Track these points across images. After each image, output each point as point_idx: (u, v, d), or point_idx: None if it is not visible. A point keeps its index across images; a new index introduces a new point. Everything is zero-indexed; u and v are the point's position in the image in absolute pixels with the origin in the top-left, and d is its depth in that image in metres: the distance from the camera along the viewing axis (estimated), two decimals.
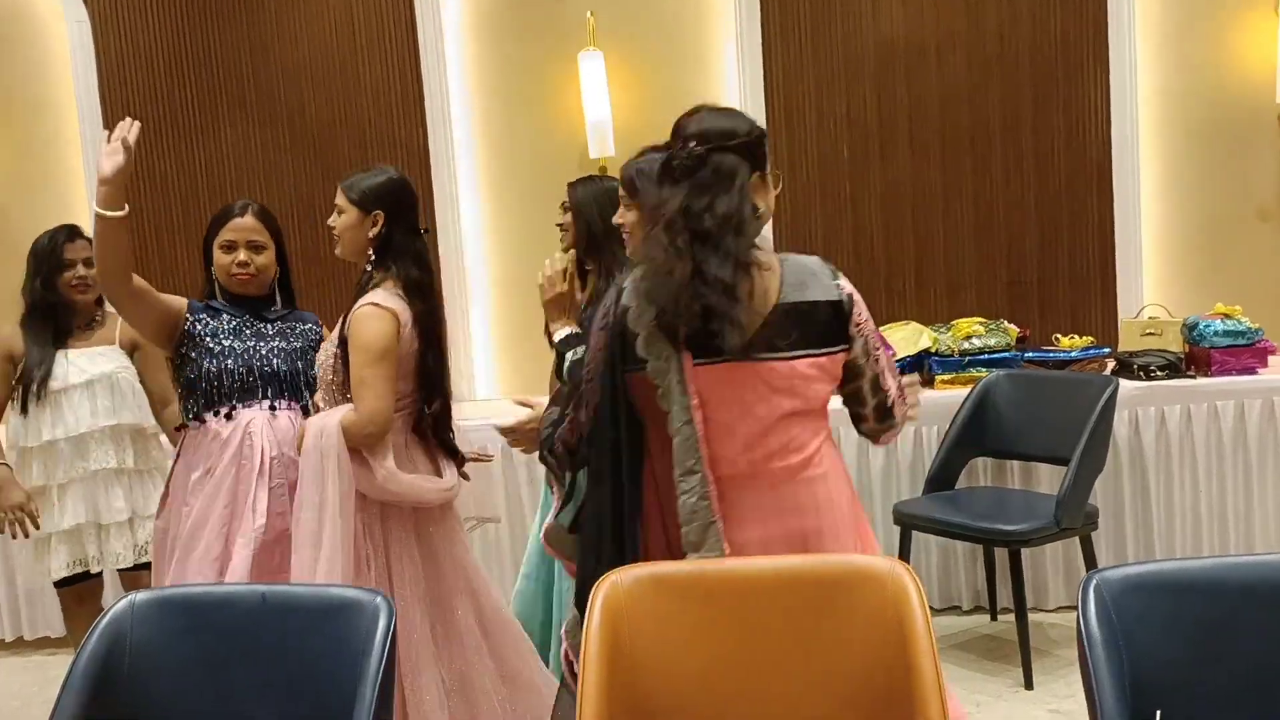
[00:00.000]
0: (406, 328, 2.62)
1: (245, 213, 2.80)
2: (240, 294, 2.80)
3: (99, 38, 4.77)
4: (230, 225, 2.78)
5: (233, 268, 2.77)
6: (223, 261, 2.77)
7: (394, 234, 2.68)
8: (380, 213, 2.69)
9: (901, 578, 1.89)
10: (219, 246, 2.78)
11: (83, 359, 3.29)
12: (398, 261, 2.67)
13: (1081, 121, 4.62)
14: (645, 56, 4.76)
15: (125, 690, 1.90)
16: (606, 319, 2.06)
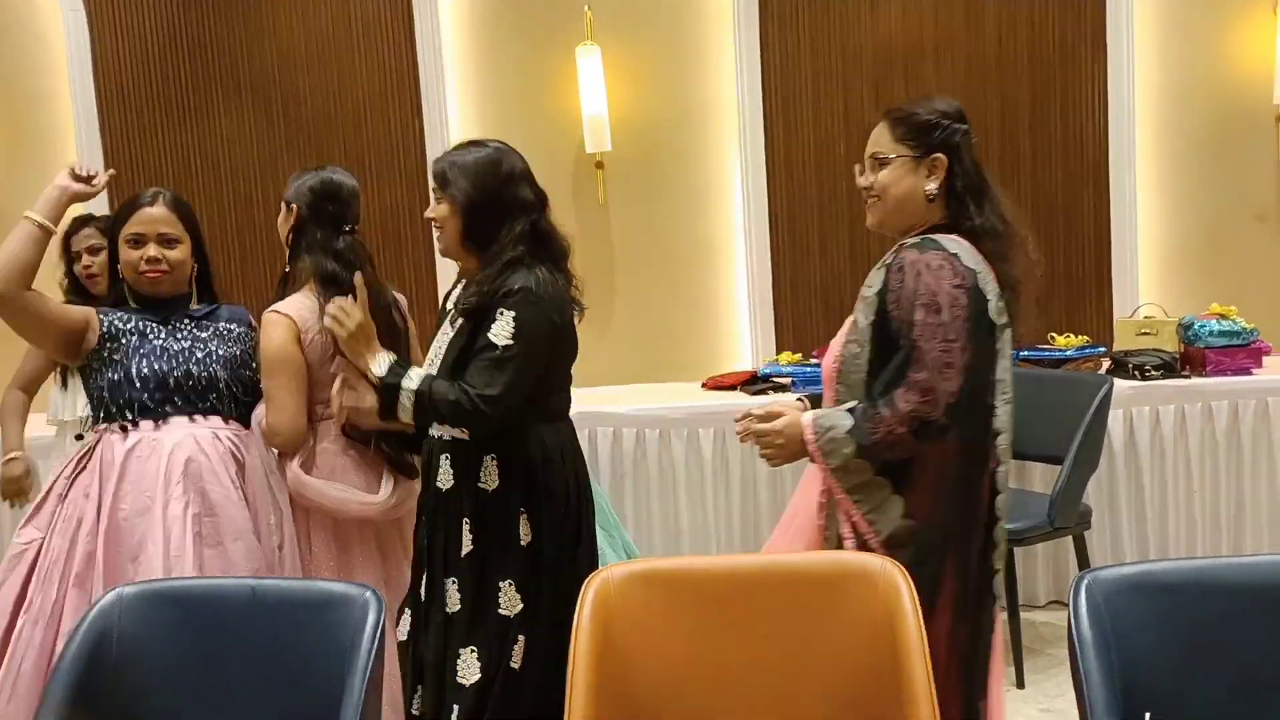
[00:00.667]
0: (309, 334, 2.55)
1: (156, 202, 2.60)
2: (152, 294, 2.61)
3: (94, 26, 4.74)
4: (138, 217, 2.58)
5: (141, 264, 2.56)
6: (130, 258, 2.57)
7: (306, 228, 2.63)
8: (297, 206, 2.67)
9: (893, 577, 1.88)
10: (125, 241, 2.58)
11: None
12: (309, 255, 2.62)
13: (1078, 122, 4.61)
14: (643, 51, 4.75)
15: (112, 682, 1.89)
16: (962, 280, 2.06)
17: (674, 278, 4.82)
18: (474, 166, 2.39)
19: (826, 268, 4.77)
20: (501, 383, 2.26)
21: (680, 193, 4.81)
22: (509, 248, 2.34)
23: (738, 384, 4.33)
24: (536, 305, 2.30)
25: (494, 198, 2.38)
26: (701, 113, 4.78)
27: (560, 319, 2.37)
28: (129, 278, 2.59)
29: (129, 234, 2.58)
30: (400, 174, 4.82)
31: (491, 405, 2.25)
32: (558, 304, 2.37)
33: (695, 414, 4.07)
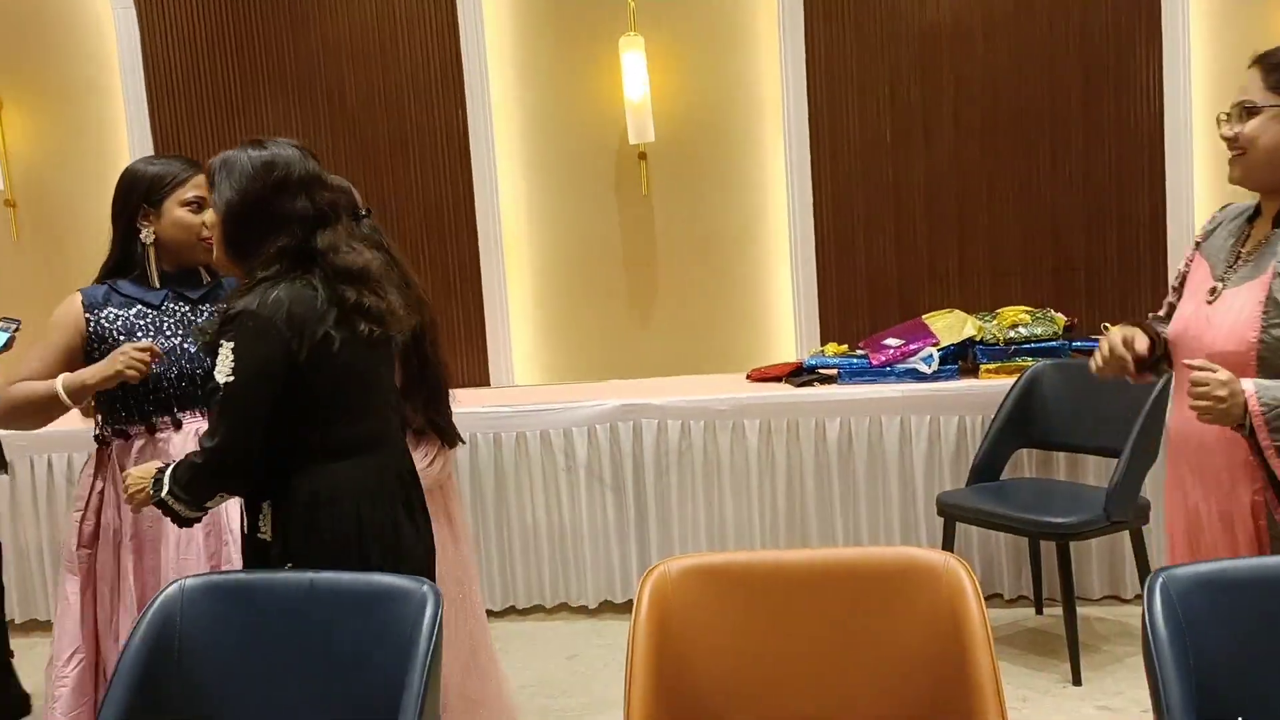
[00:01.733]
0: None
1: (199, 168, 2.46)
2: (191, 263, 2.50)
3: (144, 21, 4.79)
4: (196, 181, 2.45)
5: (203, 230, 2.37)
6: (190, 222, 2.44)
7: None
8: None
9: (956, 572, 1.86)
10: (183, 205, 2.46)
11: None
12: None
13: (1132, 104, 4.52)
14: (686, 40, 4.71)
15: (175, 674, 1.90)
16: None
17: (717, 268, 4.79)
18: (241, 169, 2.09)
19: (872, 257, 4.72)
20: (222, 429, 2.01)
21: (723, 182, 4.77)
22: (261, 265, 2.07)
23: (783, 375, 4.30)
24: (256, 331, 1.99)
25: (259, 206, 2.08)
26: (745, 101, 4.74)
27: (299, 344, 2.01)
28: (180, 241, 2.46)
29: (188, 197, 2.46)
30: (444, 165, 4.82)
31: (218, 457, 2.02)
32: (297, 324, 2.02)
33: (740, 406, 4.04)
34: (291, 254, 2.07)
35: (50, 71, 4.90)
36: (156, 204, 2.45)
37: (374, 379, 2.16)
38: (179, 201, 2.45)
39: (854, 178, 4.69)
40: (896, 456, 3.97)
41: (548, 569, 4.22)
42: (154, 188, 2.45)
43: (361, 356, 2.10)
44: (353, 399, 2.11)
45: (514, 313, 4.88)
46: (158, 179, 2.46)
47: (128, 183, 2.48)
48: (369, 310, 2.09)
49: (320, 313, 2.04)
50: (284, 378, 2.00)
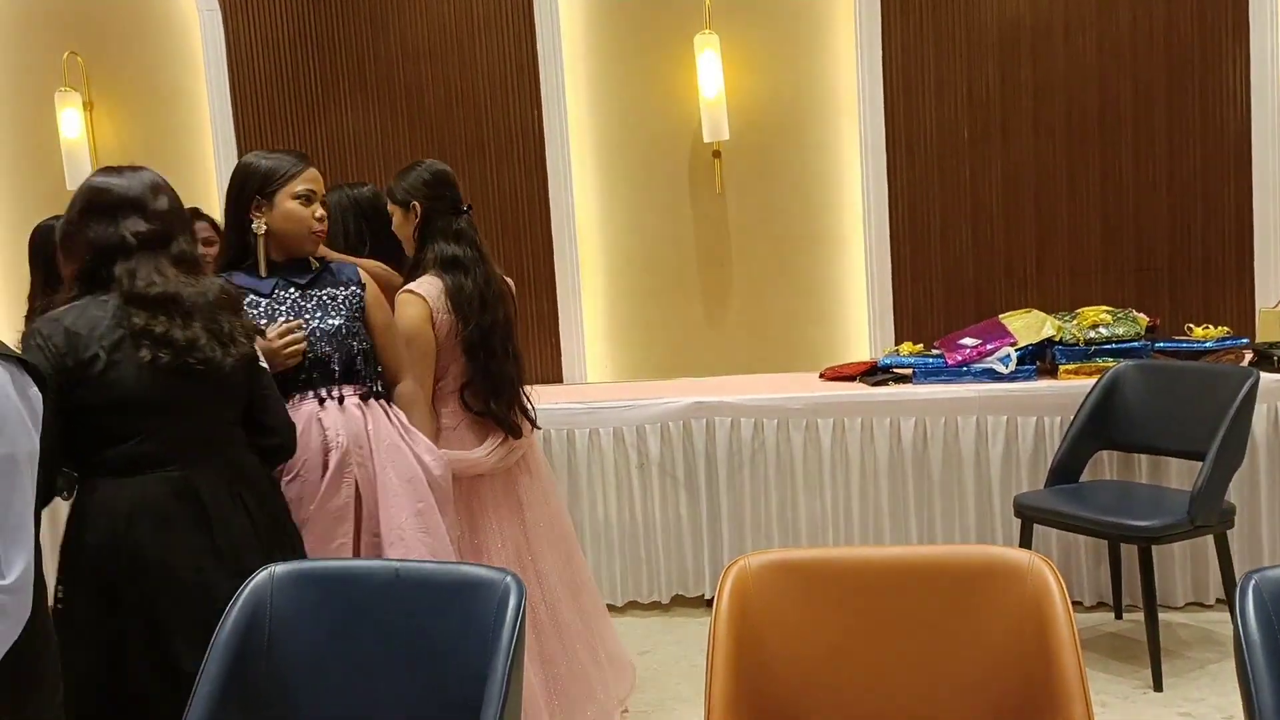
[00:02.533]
0: (439, 314, 2.78)
1: (310, 162, 2.59)
2: (299, 255, 2.56)
3: (228, 26, 4.92)
4: (307, 175, 2.54)
5: (315, 223, 2.52)
6: (302, 214, 2.52)
7: (430, 220, 2.86)
8: (417, 204, 2.87)
9: (1042, 572, 1.84)
10: (295, 198, 2.52)
11: None
12: (432, 243, 2.84)
13: (1219, 104, 4.42)
14: (761, 38, 4.71)
15: (264, 659, 1.95)
16: None
17: (791, 266, 4.78)
18: (82, 191, 2.16)
19: (948, 255, 4.68)
20: None
21: (798, 180, 4.76)
22: (65, 289, 2.14)
23: (856, 374, 4.27)
24: (35, 345, 2.04)
25: (68, 231, 2.16)
26: (820, 99, 4.72)
27: (72, 360, 2.04)
28: (290, 233, 2.52)
29: (299, 190, 2.52)
30: (519, 163, 4.88)
31: None
32: (71, 341, 2.05)
33: (813, 405, 4.03)
34: (87, 278, 2.12)
35: (139, 74, 5.05)
36: (269, 196, 2.51)
37: (161, 403, 2.11)
38: (290, 194, 2.51)
39: (930, 176, 4.65)
40: (973, 457, 3.93)
41: (618, 565, 4.24)
42: (267, 181, 2.51)
43: (145, 381, 2.08)
44: (125, 420, 2.10)
45: (587, 310, 4.92)
46: (271, 172, 2.52)
47: (242, 176, 2.55)
48: (159, 337, 2.08)
49: (100, 334, 2.07)
50: (56, 391, 1.97)
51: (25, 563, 1.55)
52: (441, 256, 2.83)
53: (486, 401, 2.83)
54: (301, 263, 2.59)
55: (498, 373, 2.83)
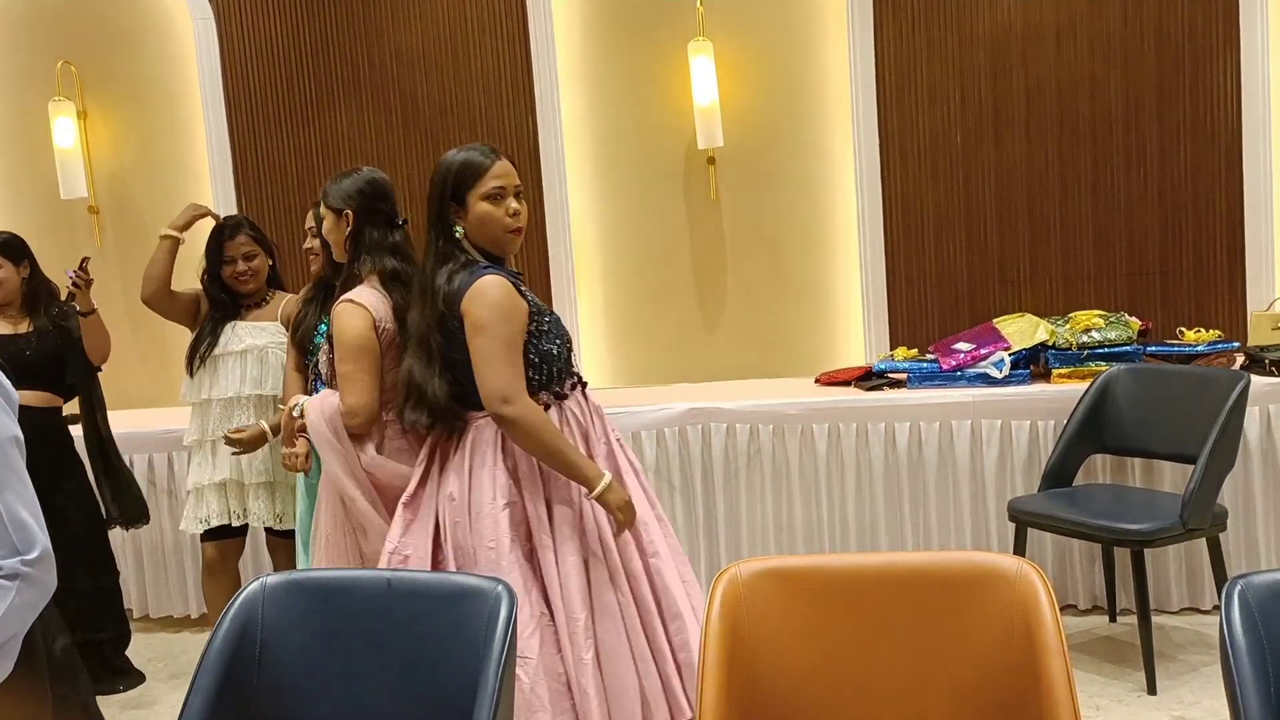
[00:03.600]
0: (382, 324, 2.67)
1: (497, 156, 2.53)
2: (501, 255, 2.55)
3: (222, 31, 4.93)
4: (497, 170, 2.48)
5: (510, 221, 2.48)
6: (495, 213, 2.47)
7: (365, 230, 2.77)
8: (350, 211, 2.78)
9: (1030, 578, 1.84)
10: (483, 197, 2.47)
11: (245, 330, 3.56)
12: (369, 255, 2.75)
13: (1210, 107, 4.44)
14: (754, 45, 4.72)
15: (256, 669, 1.95)
16: None
17: (786, 272, 4.79)
18: None
19: (941, 260, 4.69)
20: None
21: (792, 186, 4.77)
22: None
23: (852, 379, 4.28)
24: None
25: None
26: (814, 105, 4.73)
27: None
28: (485, 235, 2.48)
29: (489, 189, 2.46)
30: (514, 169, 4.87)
31: None
32: None
33: (809, 410, 4.04)
34: None
35: (133, 82, 5.05)
36: (461, 201, 2.48)
37: None
38: (479, 196, 2.47)
39: (924, 181, 4.66)
40: (967, 461, 3.94)
41: None
42: (459, 184, 2.48)
43: None
44: None
45: (583, 316, 4.93)
46: (460, 174, 2.48)
47: (437, 180, 2.52)
48: None
49: None
50: None
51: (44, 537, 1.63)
52: (384, 270, 2.73)
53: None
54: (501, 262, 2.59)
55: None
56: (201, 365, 3.55)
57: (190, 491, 3.60)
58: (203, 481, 3.55)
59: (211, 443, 3.54)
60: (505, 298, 2.43)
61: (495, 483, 2.47)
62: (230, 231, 3.56)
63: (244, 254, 3.55)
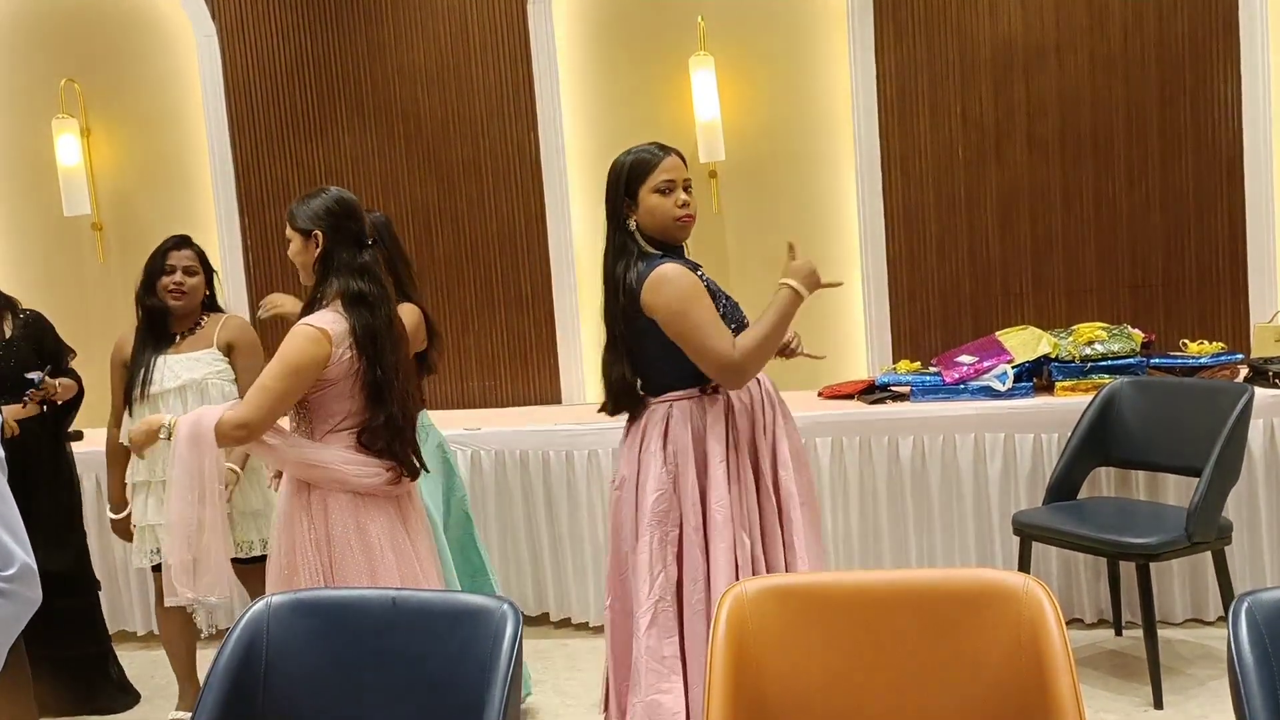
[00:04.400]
0: (340, 349, 2.62)
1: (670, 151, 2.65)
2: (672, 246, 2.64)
3: (225, 49, 4.95)
4: (666, 164, 2.59)
5: (681, 211, 2.60)
6: (665, 205, 2.59)
7: (335, 251, 2.71)
8: (319, 233, 2.73)
9: (1036, 595, 1.84)
10: (657, 190, 2.59)
11: (179, 364, 3.46)
12: (337, 277, 2.69)
13: (1211, 121, 4.44)
14: (756, 59, 4.74)
15: (261, 689, 1.95)
16: None
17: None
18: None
19: (944, 274, 4.69)
20: None
21: (794, 200, 4.78)
22: None
23: (855, 393, 4.28)
24: None
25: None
26: (815, 119, 4.74)
27: None
28: (656, 226, 2.59)
29: (659, 182, 2.58)
30: (516, 185, 4.90)
31: None
32: None
33: (812, 424, 4.03)
34: None
35: (136, 100, 5.07)
36: (634, 195, 2.60)
37: None
38: (650, 189, 2.58)
39: (925, 195, 4.67)
40: (971, 475, 3.93)
41: None
42: (631, 180, 2.60)
43: None
44: None
45: (586, 330, 4.93)
46: (631, 171, 2.60)
47: (612, 177, 2.64)
48: None
49: None
50: None
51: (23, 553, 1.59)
52: (348, 293, 2.68)
53: (389, 443, 2.69)
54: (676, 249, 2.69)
55: (400, 414, 2.70)
56: (142, 402, 3.43)
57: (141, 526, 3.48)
58: (151, 521, 3.43)
59: (159, 483, 3.41)
60: (685, 279, 2.55)
61: (655, 467, 2.60)
62: (177, 243, 3.52)
63: (185, 267, 3.47)
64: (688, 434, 2.61)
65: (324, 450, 2.66)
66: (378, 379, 2.64)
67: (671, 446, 2.60)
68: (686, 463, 2.59)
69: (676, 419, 2.61)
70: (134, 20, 5.04)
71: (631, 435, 2.67)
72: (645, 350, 2.61)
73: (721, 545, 2.56)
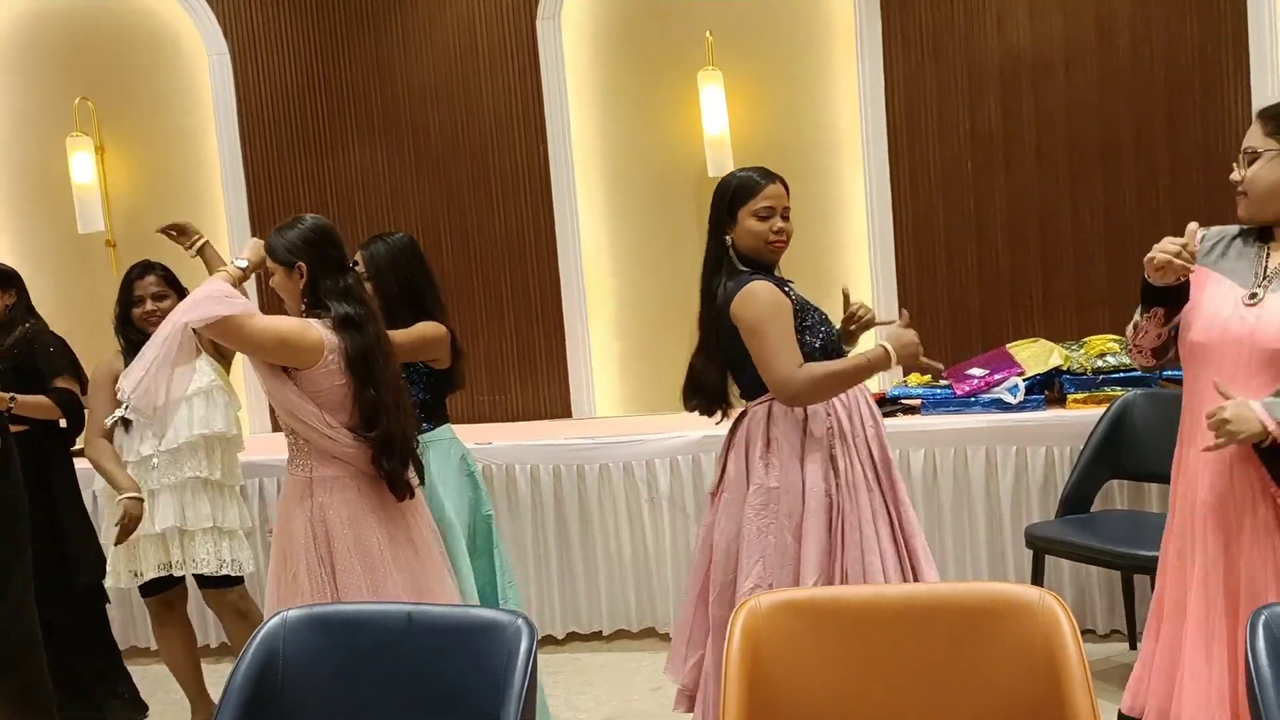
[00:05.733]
0: (331, 353, 2.68)
1: (774, 179, 2.74)
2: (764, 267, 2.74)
3: (237, 67, 4.98)
4: (768, 191, 2.70)
5: (772, 235, 2.69)
6: (759, 229, 2.69)
7: (319, 280, 2.75)
8: (302, 264, 2.76)
9: (1052, 609, 1.84)
10: (756, 215, 2.69)
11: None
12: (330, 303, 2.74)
13: (1220, 132, 4.44)
14: (764, 74, 4.75)
15: (277, 704, 1.96)
16: None
17: None
18: None
19: (954, 286, 4.69)
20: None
21: (803, 215, 4.71)
22: None
23: None
24: None
25: None
26: (824, 133, 4.76)
27: None
28: (751, 247, 2.70)
29: (759, 207, 2.68)
30: (526, 199, 4.92)
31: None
32: None
33: None
34: None
35: (149, 118, 5.11)
36: (734, 214, 2.72)
37: None
38: (750, 211, 2.70)
39: (934, 208, 4.67)
40: (983, 488, 3.93)
41: (632, 595, 4.25)
42: (734, 201, 2.72)
43: None
44: None
45: (595, 344, 4.94)
46: (735, 192, 2.73)
47: (718, 194, 2.77)
48: None
49: None
50: None
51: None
52: (338, 317, 2.73)
53: (379, 461, 2.73)
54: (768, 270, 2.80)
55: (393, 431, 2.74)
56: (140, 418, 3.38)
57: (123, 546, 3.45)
58: (142, 533, 3.41)
59: (151, 492, 3.42)
60: (772, 297, 2.65)
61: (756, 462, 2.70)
62: (139, 272, 3.53)
63: (152, 294, 3.49)
64: (791, 430, 2.68)
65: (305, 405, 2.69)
66: (371, 398, 2.69)
67: (775, 443, 2.69)
68: (789, 456, 2.67)
69: (777, 415, 2.69)
70: (147, 39, 5.08)
71: (736, 439, 2.78)
72: (737, 356, 2.73)
73: (813, 538, 2.62)
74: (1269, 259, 2.33)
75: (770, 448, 2.69)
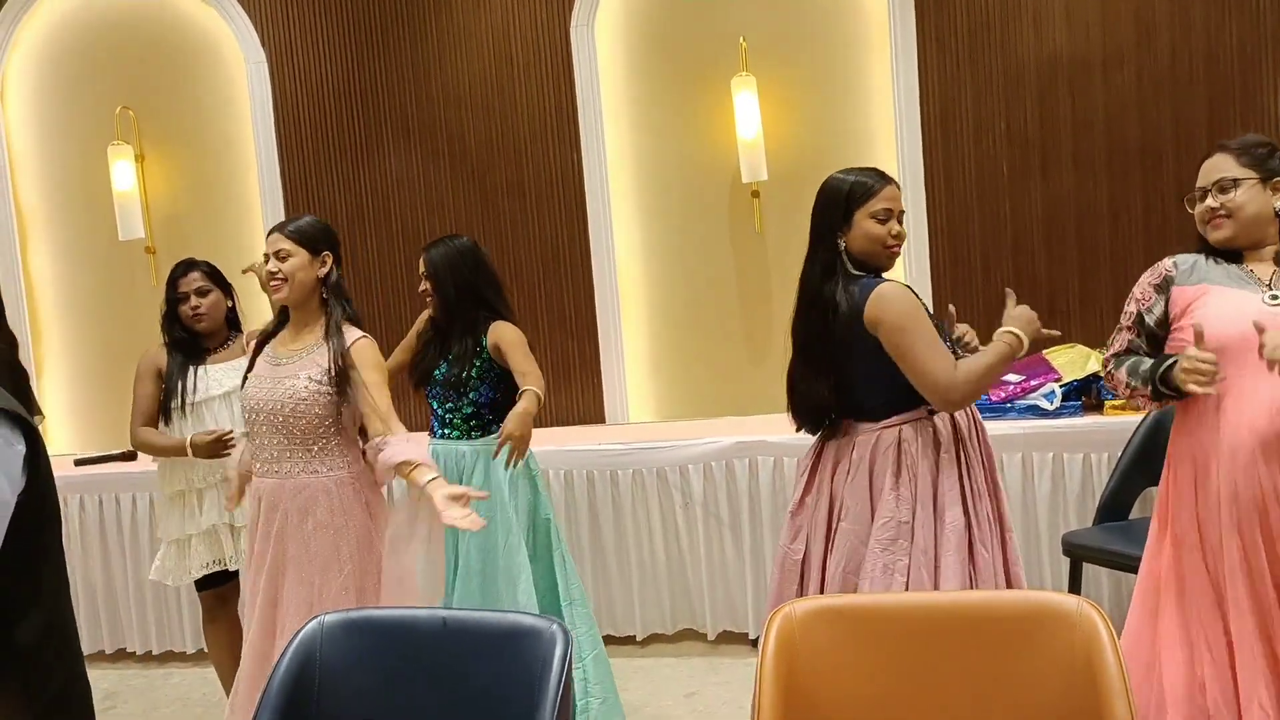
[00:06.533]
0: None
1: (890, 180, 2.65)
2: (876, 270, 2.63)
3: (275, 76, 5.03)
4: (884, 194, 2.60)
5: (889, 239, 2.59)
6: (878, 233, 2.59)
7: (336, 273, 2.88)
8: (329, 253, 2.88)
9: (1091, 618, 1.82)
10: (873, 217, 2.59)
11: (220, 373, 3.52)
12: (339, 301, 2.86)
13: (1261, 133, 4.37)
14: (798, 79, 4.74)
15: (315, 708, 1.97)
16: None
17: None
18: None
19: (989, 291, 4.65)
20: None
21: None
22: None
23: None
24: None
25: None
26: (858, 138, 4.74)
27: None
28: (867, 251, 2.59)
29: (877, 209, 2.58)
30: (560, 205, 4.93)
31: None
32: None
33: None
34: None
35: (188, 126, 5.17)
36: (848, 217, 2.61)
37: None
38: (867, 213, 2.60)
39: (970, 212, 4.64)
40: (1019, 495, 3.89)
41: (667, 599, 4.25)
42: (850, 202, 2.61)
43: None
44: None
45: (629, 350, 4.94)
46: (850, 193, 2.62)
47: (829, 196, 2.67)
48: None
49: None
50: None
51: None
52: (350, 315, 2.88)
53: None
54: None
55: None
56: (184, 412, 3.47)
57: (171, 542, 3.54)
58: (190, 531, 3.48)
59: (199, 490, 3.48)
60: (910, 297, 2.54)
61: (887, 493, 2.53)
62: (183, 269, 3.57)
63: (196, 289, 3.52)
64: (924, 455, 2.54)
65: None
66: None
67: (907, 472, 2.54)
68: (924, 486, 2.53)
69: (909, 439, 2.54)
70: (186, 48, 5.15)
71: (853, 463, 2.58)
72: (857, 371, 2.57)
73: (954, 563, 2.50)
74: (1256, 270, 2.51)
75: (901, 477, 2.53)
